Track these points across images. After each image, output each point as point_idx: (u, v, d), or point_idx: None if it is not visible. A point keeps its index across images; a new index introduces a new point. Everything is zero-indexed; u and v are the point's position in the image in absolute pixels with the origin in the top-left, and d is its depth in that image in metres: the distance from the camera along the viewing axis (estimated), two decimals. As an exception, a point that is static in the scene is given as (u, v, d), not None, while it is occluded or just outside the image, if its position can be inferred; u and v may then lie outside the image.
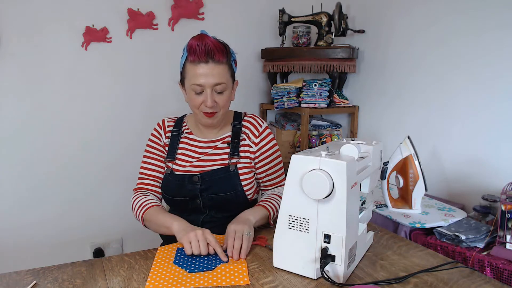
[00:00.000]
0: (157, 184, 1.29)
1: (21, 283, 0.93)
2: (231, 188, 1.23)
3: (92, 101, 2.15)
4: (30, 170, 2.06)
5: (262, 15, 2.50)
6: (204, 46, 1.12)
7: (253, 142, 1.28)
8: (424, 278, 0.94)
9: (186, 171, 1.25)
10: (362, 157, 1.00)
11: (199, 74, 1.14)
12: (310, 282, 0.92)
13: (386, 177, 1.66)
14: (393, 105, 2.22)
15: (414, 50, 2.08)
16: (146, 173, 1.29)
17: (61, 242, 2.17)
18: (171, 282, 0.92)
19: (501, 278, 1.32)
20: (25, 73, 1.99)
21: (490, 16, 1.72)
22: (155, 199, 1.25)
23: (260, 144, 1.28)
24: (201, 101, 1.18)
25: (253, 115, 1.33)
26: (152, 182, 1.29)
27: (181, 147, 1.29)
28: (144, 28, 2.19)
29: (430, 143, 2.00)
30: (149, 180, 1.29)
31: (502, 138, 1.71)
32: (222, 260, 1.01)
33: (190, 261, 1.02)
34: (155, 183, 1.29)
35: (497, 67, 1.71)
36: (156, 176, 1.29)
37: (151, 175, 1.29)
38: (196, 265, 0.99)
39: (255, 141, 1.28)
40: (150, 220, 1.18)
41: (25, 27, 1.95)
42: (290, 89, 2.29)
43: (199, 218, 1.26)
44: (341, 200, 0.86)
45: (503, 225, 1.38)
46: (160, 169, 1.29)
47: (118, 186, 2.25)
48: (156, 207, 1.20)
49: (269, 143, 1.30)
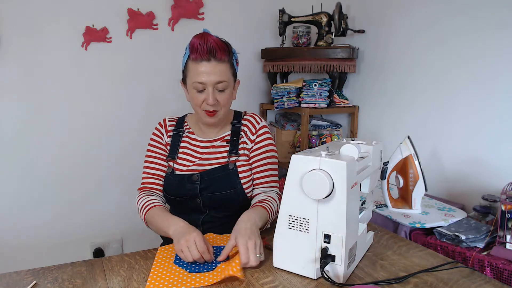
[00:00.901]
0: (161, 182, 1.29)
1: (21, 283, 0.93)
2: (231, 187, 1.23)
3: (92, 101, 2.15)
4: (30, 170, 2.07)
5: (262, 15, 2.50)
6: (206, 44, 1.13)
7: (249, 139, 1.28)
8: (424, 278, 0.94)
9: (187, 171, 1.25)
10: (362, 157, 1.00)
11: (201, 72, 1.15)
12: (310, 282, 0.92)
13: (386, 177, 1.66)
14: (393, 105, 2.22)
15: (414, 50, 2.08)
16: (150, 172, 1.29)
17: (61, 242, 2.17)
18: (171, 282, 0.92)
19: (501, 278, 1.32)
20: (25, 73, 1.99)
21: (490, 16, 1.72)
22: (158, 199, 1.25)
23: (255, 140, 1.28)
24: (202, 99, 1.18)
25: (253, 113, 1.34)
26: (156, 181, 1.29)
27: (183, 147, 1.29)
28: (144, 28, 2.19)
29: (430, 143, 2.00)
30: (152, 179, 1.29)
31: (502, 138, 1.71)
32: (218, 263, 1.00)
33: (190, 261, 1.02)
34: (159, 181, 1.29)
35: (497, 67, 1.71)
36: (160, 175, 1.29)
37: (155, 174, 1.29)
38: (197, 266, 0.99)
39: (251, 138, 1.28)
40: (151, 222, 1.18)
41: (25, 27, 1.95)
42: (290, 89, 2.29)
43: (199, 218, 1.26)
44: (341, 200, 0.86)
45: (503, 225, 1.38)
46: (163, 167, 1.29)
47: (118, 186, 2.25)
48: (158, 207, 1.19)
49: (264, 140, 1.29)
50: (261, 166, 1.28)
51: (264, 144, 1.29)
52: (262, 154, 1.28)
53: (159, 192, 1.29)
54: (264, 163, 1.29)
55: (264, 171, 1.28)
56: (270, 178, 1.29)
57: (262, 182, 1.29)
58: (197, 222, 1.25)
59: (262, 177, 1.28)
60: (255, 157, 1.28)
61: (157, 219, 1.15)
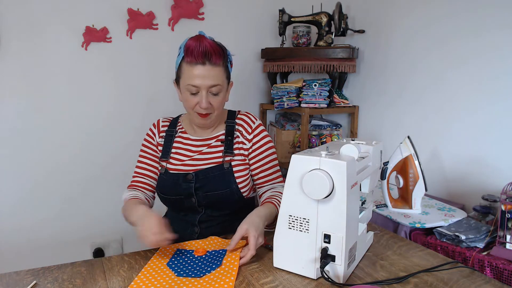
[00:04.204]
0: (148, 181, 1.31)
1: (21, 283, 0.93)
2: (226, 186, 1.23)
3: (92, 101, 2.15)
4: (30, 170, 2.07)
5: (262, 15, 2.50)
6: (201, 47, 1.12)
7: (246, 139, 1.28)
8: (424, 278, 0.94)
9: (180, 170, 1.25)
10: (362, 157, 1.00)
11: (195, 75, 1.14)
12: (310, 282, 0.92)
13: (386, 177, 1.66)
14: (393, 105, 2.22)
15: (414, 50, 2.08)
16: (138, 172, 1.32)
17: (61, 242, 2.17)
18: (155, 284, 0.92)
19: (501, 278, 1.32)
20: (25, 73, 1.99)
21: (490, 16, 1.72)
22: (138, 194, 1.26)
23: (253, 141, 1.28)
24: (195, 102, 1.18)
25: (247, 112, 1.33)
26: (143, 179, 1.31)
27: (175, 146, 1.29)
28: (144, 28, 2.19)
29: (430, 143, 2.00)
30: (140, 178, 1.31)
31: (502, 138, 1.71)
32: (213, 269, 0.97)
33: (184, 264, 1.01)
34: (146, 180, 1.31)
35: (497, 67, 1.71)
36: (148, 174, 1.31)
37: (143, 173, 1.31)
38: (187, 270, 0.98)
39: (248, 138, 1.28)
40: (124, 216, 1.18)
41: (25, 27, 1.95)
42: (290, 89, 2.29)
43: (196, 218, 1.26)
44: (341, 200, 0.86)
45: (503, 225, 1.38)
46: (152, 168, 1.31)
47: (118, 186, 2.23)
48: (131, 200, 1.19)
49: (263, 139, 1.29)
50: (264, 165, 1.29)
51: (263, 142, 1.29)
52: (263, 153, 1.29)
53: (144, 189, 1.30)
54: (266, 161, 1.29)
55: (268, 169, 1.30)
56: (274, 175, 1.31)
57: (267, 180, 1.30)
58: (194, 222, 1.25)
59: (266, 175, 1.29)
60: (256, 157, 1.28)
61: (127, 212, 1.15)
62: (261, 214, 1.10)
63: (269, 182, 1.30)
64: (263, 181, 1.30)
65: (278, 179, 1.31)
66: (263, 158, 1.29)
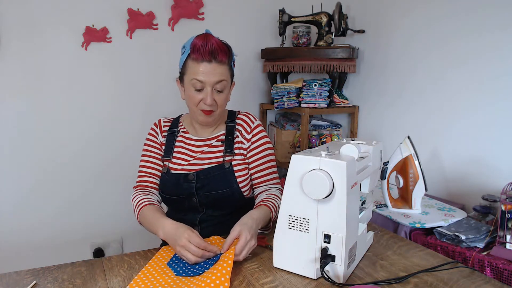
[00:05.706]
0: (155, 181, 1.30)
1: (21, 283, 0.93)
2: (227, 186, 1.23)
3: (92, 101, 2.15)
4: (30, 170, 2.07)
5: (262, 15, 2.50)
6: (208, 45, 1.14)
7: (245, 138, 1.28)
8: (424, 278, 0.94)
9: (183, 170, 1.25)
10: (362, 157, 1.00)
11: (201, 71, 1.16)
12: (310, 282, 0.92)
13: (386, 177, 1.66)
14: (393, 105, 2.22)
15: (414, 50, 2.08)
16: (145, 171, 1.30)
17: (61, 242, 2.17)
18: (154, 283, 0.92)
19: (501, 278, 1.32)
20: (25, 73, 1.99)
21: (490, 16, 1.72)
22: (152, 198, 1.25)
23: (251, 140, 1.28)
24: (200, 99, 1.19)
25: (247, 112, 1.34)
26: (151, 179, 1.29)
27: (177, 146, 1.30)
28: (144, 28, 2.19)
29: (430, 143, 2.00)
30: (148, 177, 1.29)
31: (502, 138, 1.71)
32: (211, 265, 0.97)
33: (184, 263, 1.01)
34: (154, 179, 1.29)
35: (497, 67, 1.71)
36: (155, 174, 1.30)
37: (150, 172, 1.30)
38: (187, 269, 0.98)
39: (247, 137, 1.28)
40: (143, 222, 1.19)
41: (25, 27, 1.95)
42: (290, 89, 2.29)
43: (196, 218, 1.26)
44: (341, 200, 0.86)
45: (503, 225, 1.38)
46: (158, 167, 1.30)
47: (118, 186, 2.25)
48: (149, 206, 1.18)
49: (261, 139, 1.30)
50: (260, 165, 1.29)
51: (261, 143, 1.30)
52: (260, 153, 1.29)
53: (154, 190, 1.29)
54: (263, 161, 1.29)
55: (264, 170, 1.29)
56: (270, 176, 1.30)
57: (263, 181, 1.30)
58: (194, 222, 1.26)
59: (262, 175, 1.30)
60: (253, 156, 1.29)
61: (148, 220, 1.15)
62: (254, 216, 1.10)
63: (265, 182, 1.30)
64: (258, 181, 1.30)
65: (274, 181, 1.31)
66: (260, 158, 1.29)
